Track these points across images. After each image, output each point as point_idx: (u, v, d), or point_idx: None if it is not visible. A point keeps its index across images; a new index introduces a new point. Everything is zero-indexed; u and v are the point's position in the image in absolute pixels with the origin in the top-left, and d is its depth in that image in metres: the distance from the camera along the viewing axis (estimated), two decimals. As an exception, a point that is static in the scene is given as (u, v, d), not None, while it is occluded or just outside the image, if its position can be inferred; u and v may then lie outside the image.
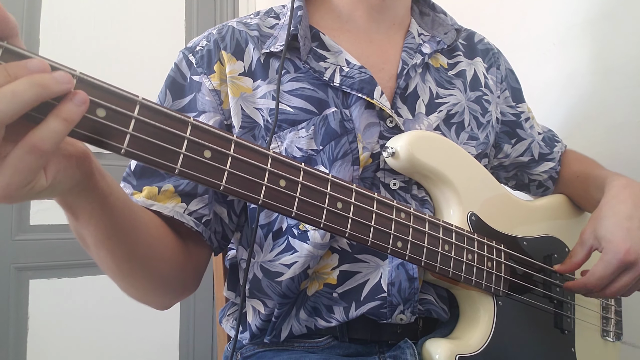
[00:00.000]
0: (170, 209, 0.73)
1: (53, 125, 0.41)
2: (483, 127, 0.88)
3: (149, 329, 2.07)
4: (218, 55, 0.79)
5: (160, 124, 0.48)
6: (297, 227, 0.75)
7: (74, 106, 0.42)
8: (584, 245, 0.82)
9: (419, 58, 0.84)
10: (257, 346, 0.84)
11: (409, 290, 0.74)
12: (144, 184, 0.73)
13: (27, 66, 0.40)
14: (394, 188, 0.78)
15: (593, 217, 0.83)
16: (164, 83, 0.80)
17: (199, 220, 0.75)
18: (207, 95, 0.77)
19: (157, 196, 0.73)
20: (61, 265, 1.92)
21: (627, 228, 0.77)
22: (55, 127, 0.41)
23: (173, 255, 0.72)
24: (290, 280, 0.75)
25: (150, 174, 0.74)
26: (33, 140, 0.40)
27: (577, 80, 1.17)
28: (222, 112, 0.78)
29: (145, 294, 0.74)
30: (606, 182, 0.87)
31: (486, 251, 0.75)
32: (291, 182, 0.57)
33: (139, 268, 0.67)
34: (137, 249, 0.64)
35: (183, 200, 0.74)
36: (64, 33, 1.99)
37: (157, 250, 0.69)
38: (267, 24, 0.85)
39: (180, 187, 0.74)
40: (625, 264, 0.75)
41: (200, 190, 0.75)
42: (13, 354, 1.82)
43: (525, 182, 1.05)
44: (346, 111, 0.77)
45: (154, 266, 0.69)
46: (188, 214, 0.74)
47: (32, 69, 0.40)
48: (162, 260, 0.70)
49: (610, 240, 0.77)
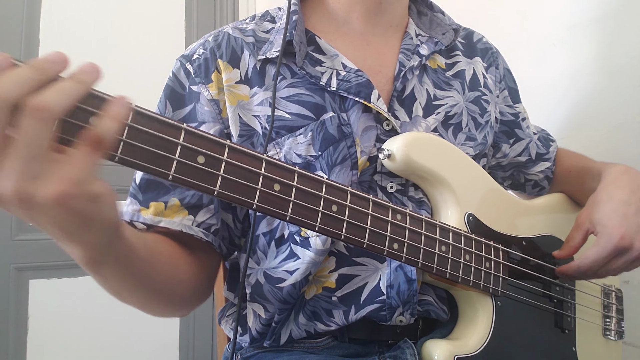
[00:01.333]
0: (178, 223, 0.73)
1: (106, 123, 0.45)
2: (481, 128, 0.88)
3: (149, 329, 2.07)
4: (215, 64, 0.79)
5: (154, 130, 0.48)
6: (299, 234, 0.75)
7: (121, 107, 0.46)
8: (579, 228, 0.82)
9: (417, 60, 0.83)
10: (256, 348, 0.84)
11: (408, 293, 0.74)
12: (150, 199, 0.74)
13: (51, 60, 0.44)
14: (390, 191, 0.78)
15: (590, 201, 0.83)
16: (163, 92, 0.80)
17: (208, 230, 0.76)
18: (206, 105, 0.77)
19: (165, 211, 0.74)
20: (61, 265, 1.92)
21: (623, 213, 0.77)
22: (108, 125, 0.45)
23: (190, 276, 0.74)
24: (292, 286, 0.75)
25: (155, 187, 0.75)
26: (93, 136, 0.44)
27: (577, 81, 1.17)
28: (222, 121, 0.78)
29: (166, 312, 0.79)
30: (603, 170, 0.87)
31: (484, 251, 0.75)
32: (285, 186, 0.57)
33: (159, 296, 0.70)
34: (157, 283, 0.67)
35: (190, 213, 0.74)
36: (64, 33, 1.99)
37: (175, 277, 0.71)
38: (262, 29, 0.84)
39: (185, 200, 0.74)
40: (619, 249, 0.76)
41: (205, 201, 0.76)
42: (13, 354, 1.82)
43: (521, 181, 1.05)
44: (344, 115, 0.76)
45: (173, 290, 0.72)
46: (196, 225, 0.75)
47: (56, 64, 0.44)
48: (181, 283, 0.73)
49: (605, 224, 0.78)
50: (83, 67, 0.45)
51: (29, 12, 1.93)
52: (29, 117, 0.41)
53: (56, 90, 0.42)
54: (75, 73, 0.44)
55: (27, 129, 0.41)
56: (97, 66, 0.45)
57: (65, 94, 0.43)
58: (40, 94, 0.41)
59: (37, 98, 0.41)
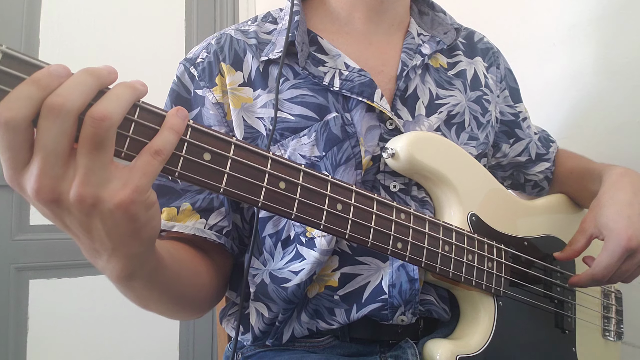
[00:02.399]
0: (191, 227, 0.75)
1: (166, 135, 0.47)
2: (483, 127, 0.88)
3: (149, 329, 2.07)
4: (218, 67, 0.79)
5: (159, 126, 0.48)
6: (304, 235, 0.76)
7: (180, 119, 0.48)
8: (584, 233, 0.82)
9: (419, 59, 0.83)
10: (258, 346, 0.84)
11: (410, 292, 0.74)
12: (162, 205, 0.75)
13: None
14: (394, 190, 0.78)
15: (593, 206, 0.83)
16: (169, 96, 0.81)
17: (220, 233, 0.77)
18: (211, 109, 0.78)
19: (177, 216, 0.75)
20: (61, 265, 1.92)
21: (627, 215, 0.77)
22: (168, 137, 0.47)
23: (210, 279, 0.76)
24: (296, 286, 0.75)
25: (167, 192, 0.76)
26: (155, 146, 0.46)
27: (577, 80, 1.17)
28: (227, 124, 0.78)
29: (186, 316, 0.80)
30: (603, 173, 0.87)
31: (486, 251, 0.75)
32: (291, 184, 0.57)
33: (183, 301, 0.72)
34: (181, 289, 0.68)
35: (202, 217, 0.76)
36: (64, 33, 1.99)
37: (197, 282, 0.73)
38: (264, 30, 0.85)
39: (197, 204, 0.76)
40: (628, 251, 0.76)
41: (216, 204, 0.77)
42: (13, 354, 1.82)
43: (521, 182, 1.05)
44: (347, 115, 0.76)
45: (196, 294, 0.74)
46: (209, 228, 0.76)
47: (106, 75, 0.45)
48: (203, 287, 0.75)
49: (612, 228, 0.77)
50: (132, 82, 0.47)
51: (29, 12, 1.93)
52: (92, 127, 0.42)
53: (111, 99, 0.44)
54: (122, 82, 0.46)
55: (93, 138, 0.42)
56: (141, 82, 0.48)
57: (122, 102, 0.44)
58: (99, 104, 0.43)
59: (99, 107, 0.43)
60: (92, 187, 0.43)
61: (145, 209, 0.47)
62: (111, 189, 0.44)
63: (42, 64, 0.43)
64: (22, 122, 0.41)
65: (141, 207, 0.46)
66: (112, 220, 0.45)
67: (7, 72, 0.41)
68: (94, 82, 0.43)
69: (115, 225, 0.46)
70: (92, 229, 0.46)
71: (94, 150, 0.43)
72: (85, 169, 0.43)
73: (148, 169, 0.46)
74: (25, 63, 0.42)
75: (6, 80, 0.41)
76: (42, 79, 0.41)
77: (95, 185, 0.43)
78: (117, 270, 0.52)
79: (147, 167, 0.46)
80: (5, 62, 0.41)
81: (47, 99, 0.41)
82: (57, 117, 0.41)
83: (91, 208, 0.44)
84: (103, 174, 0.44)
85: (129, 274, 0.53)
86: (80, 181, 0.43)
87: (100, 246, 0.48)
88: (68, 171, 0.43)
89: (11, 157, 0.42)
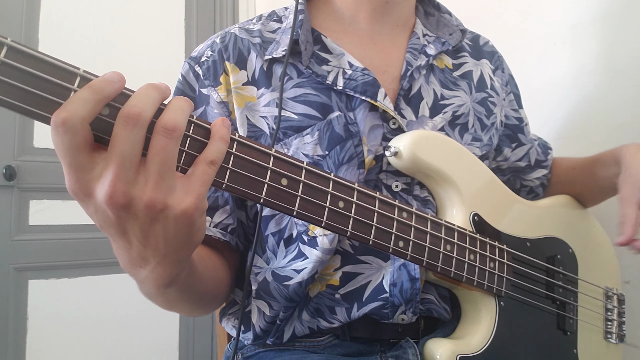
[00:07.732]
0: None
1: (217, 144, 0.50)
2: (487, 129, 0.88)
3: (148, 329, 2.06)
4: (223, 66, 0.79)
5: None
6: (307, 234, 0.76)
7: (227, 129, 0.51)
8: (629, 202, 0.78)
9: (424, 59, 0.83)
10: (258, 346, 0.84)
11: (411, 291, 0.74)
12: None
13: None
14: (396, 190, 0.78)
15: (625, 178, 0.80)
16: (173, 95, 0.81)
17: (225, 230, 0.78)
18: (216, 108, 0.78)
19: None
20: (60, 266, 1.92)
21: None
22: (221, 147, 0.50)
23: (226, 275, 0.79)
24: (298, 284, 0.75)
25: None
26: (210, 157, 0.49)
27: (578, 80, 1.17)
28: (232, 123, 0.78)
29: (204, 312, 0.83)
30: (615, 153, 0.87)
31: (488, 251, 0.75)
32: (293, 181, 0.57)
33: (205, 299, 0.75)
34: (205, 288, 0.71)
35: (207, 215, 0.76)
36: (64, 33, 1.99)
37: (217, 280, 0.76)
38: (269, 29, 0.84)
39: None
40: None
41: (221, 202, 0.78)
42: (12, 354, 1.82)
43: (517, 187, 1.05)
44: (350, 114, 0.76)
45: (216, 292, 0.77)
46: (214, 226, 0.77)
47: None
48: (221, 284, 0.78)
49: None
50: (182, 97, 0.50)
51: (28, 12, 1.93)
52: (164, 136, 0.45)
53: (176, 111, 0.47)
54: (178, 97, 0.49)
55: (166, 147, 0.45)
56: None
57: (183, 112, 0.47)
58: (167, 115, 0.46)
59: (169, 119, 0.46)
60: (162, 194, 0.46)
61: (202, 215, 0.50)
62: (177, 196, 0.47)
63: (47, 57, 0.43)
64: (78, 122, 0.42)
65: (200, 214, 0.49)
66: (174, 226, 0.47)
67: (13, 65, 0.42)
68: (159, 96, 0.46)
69: (176, 231, 0.48)
70: (152, 235, 0.48)
71: (165, 159, 0.45)
72: (156, 175, 0.45)
73: (205, 177, 0.48)
74: (30, 57, 0.43)
75: (11, 73, 0.42)
76: (96, 84, 0.44)
77: (165, 192, 0.46)
78: (162, 277, 0.53)
79: (205, 176, 0.48)
80: (10, 56, 0.42)
81: (123, 109, 0.44)
82: (134, 126, 0.44)
83: (159, 213, 0.46)
84: (170, 182, 0.46)
85: (171, 280, 0.54)
86: (152, 187, 0.45)
87: (152, 253, 0.49)
88: (139, 177, 0.45)
89: (72, 161, 0.44)
